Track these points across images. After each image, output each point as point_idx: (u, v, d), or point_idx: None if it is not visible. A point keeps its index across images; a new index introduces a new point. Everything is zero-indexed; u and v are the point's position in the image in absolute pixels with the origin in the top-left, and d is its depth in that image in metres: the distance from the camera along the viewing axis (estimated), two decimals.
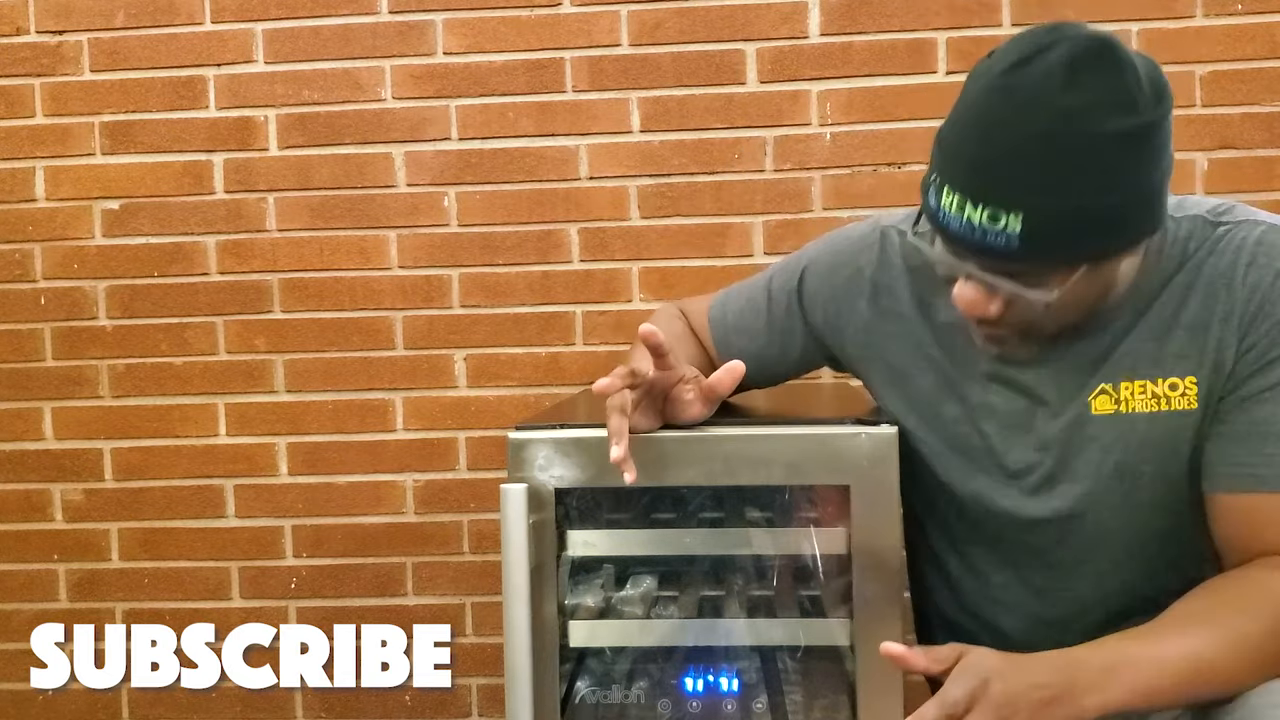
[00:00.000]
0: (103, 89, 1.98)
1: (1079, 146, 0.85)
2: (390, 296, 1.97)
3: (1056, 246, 0.89)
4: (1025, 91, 0.86)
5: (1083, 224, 0.88)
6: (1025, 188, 0.86)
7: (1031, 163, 0.86)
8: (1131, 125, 0.86)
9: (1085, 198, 0.87)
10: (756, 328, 1.25)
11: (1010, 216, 0.87)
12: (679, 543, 1.14)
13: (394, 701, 1.98)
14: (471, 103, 1.94)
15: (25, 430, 2.03)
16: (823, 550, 1.20)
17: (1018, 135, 0.86)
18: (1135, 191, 0.89)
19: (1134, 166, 0.87)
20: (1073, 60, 0.86)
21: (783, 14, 1.89)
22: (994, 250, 0.89)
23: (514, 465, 1.08)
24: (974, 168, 0.89)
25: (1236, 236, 0.98)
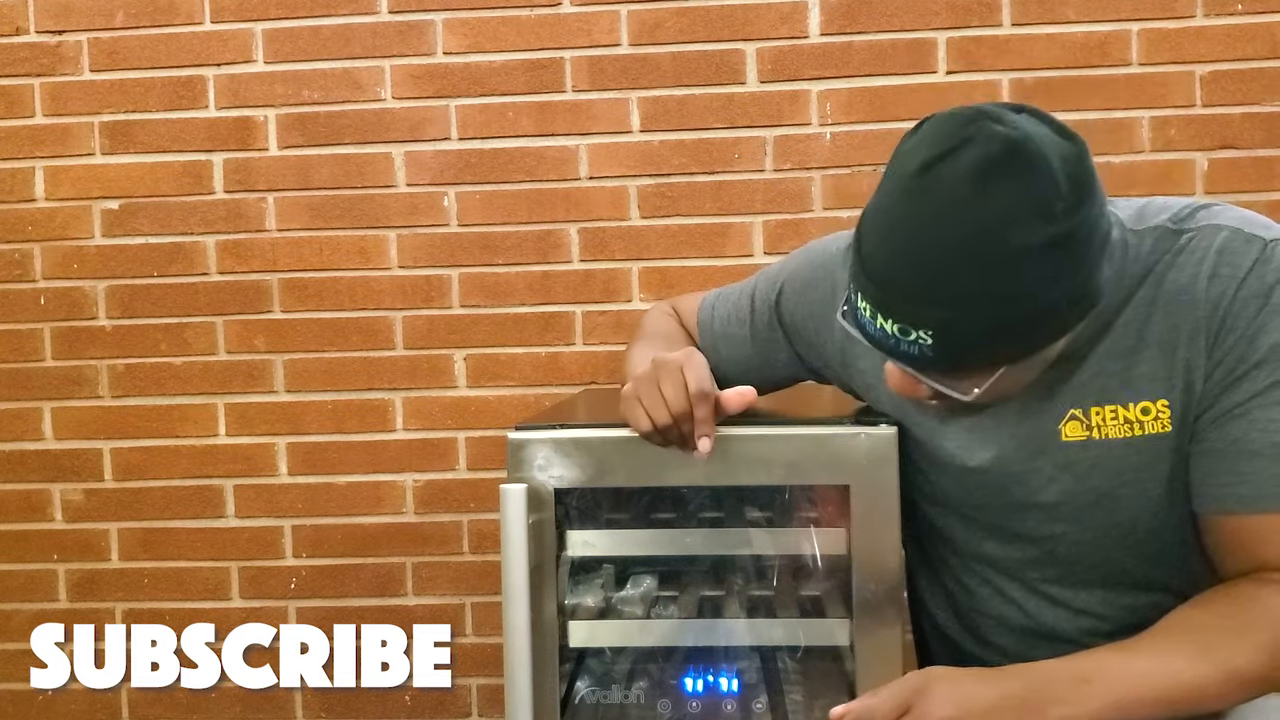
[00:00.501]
0: (102, 89, 1.98)
1: (989, 261, 0.81)
2: (390, 296, 1.97)
3: (971, 356, 0.86)
4: (935, 200, 0.82)
5: (998, 335, 0.84)
6: (935, 304, 0.83)
7: (940, 280, 0.82)
8: (1048, 235, 0.81)
9: (999, 309, 0.83)
10: (741, 336, 1.24)
11: (920, 332, 0.84)
12: (679, 543, 1.14)
13: (394, 701, 1.98)
14: (471, 102, 1.94)
15: (25, 430, 2.03)
16: (823, 550, 1.20)
17: (926, 250, 0.83)
18: (1058, 295, 0.84)
19: (1051, 273, 0.83)
20: (984, 165, 0.81)
21: (783, 14, 1.89)
22: (908, 358, 0.87)
23: (514, 465, 1.08)
24: (884, 283, 0.85)
25: (1199, 245, 0.94)
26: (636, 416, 1.05)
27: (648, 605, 1.22)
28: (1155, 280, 0.95)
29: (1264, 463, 0.92)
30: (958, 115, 0.86)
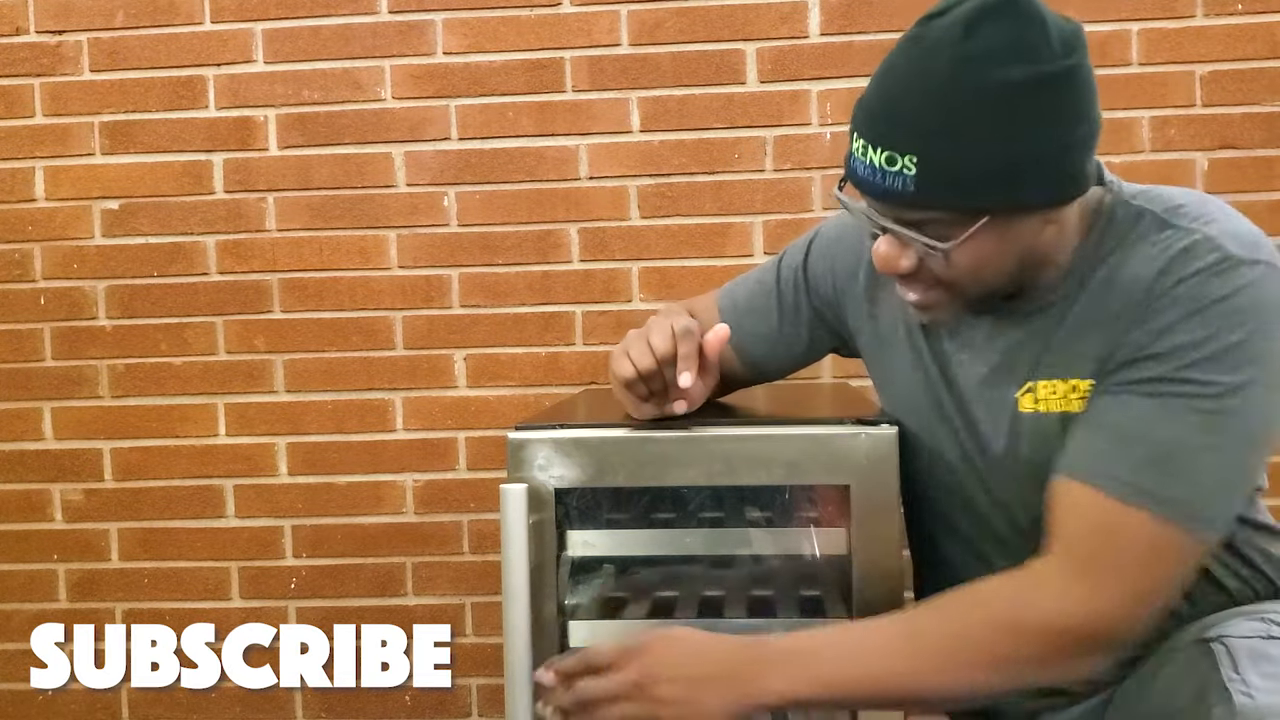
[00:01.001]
0: (102, 89, 1.98)
1: (974, 91, 0.85)
2: (390, 296, 1.97)
3: (950, 191, 0.88)
4: (929, 40, 0.87)
5: (977, 170, 0.87)
6: (920, 131, 0.87)
7: (927, 106, 0.87)
8: (1030, 74, 0.85)
9: (980, 145, 0.86)
10: (767, 306, 1.24)
11: (905, 159, 0.87)
12: (679, 543, 1.14)
13: (394, 701, 1.98)
14: (471, 103, 1.94)
15: (25, 430, 2.03)
16: (823, 550, 1.20)
17: (916, 80, 0.87)
18: (1036, 146, 0.87)
19: (1033, 118, 0.86)
20: (980, 8, 0.86)
21: (783, 14, 1.89)
22: (892, 194, 0.89)
23: (514, 465, 1.08)
24: (874, 112, 0.90)
25: (1173, 241, 0.92)
26: (622, 366, 1.08)
27: (648, 605, 1.22)
28: (1119, 262, 0.95)
29: (1097, 436, 0.91)
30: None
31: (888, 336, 1.15)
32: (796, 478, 1.08)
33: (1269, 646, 0.92)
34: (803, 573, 1.31)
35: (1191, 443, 0.87)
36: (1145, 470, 0.87)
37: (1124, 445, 0.89)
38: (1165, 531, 0.87)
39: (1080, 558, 0.89)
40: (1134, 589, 0.87)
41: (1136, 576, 0.87)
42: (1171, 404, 0.88)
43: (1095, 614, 0.87)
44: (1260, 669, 0.89)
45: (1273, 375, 0.88)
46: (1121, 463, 0.88)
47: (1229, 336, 0.87)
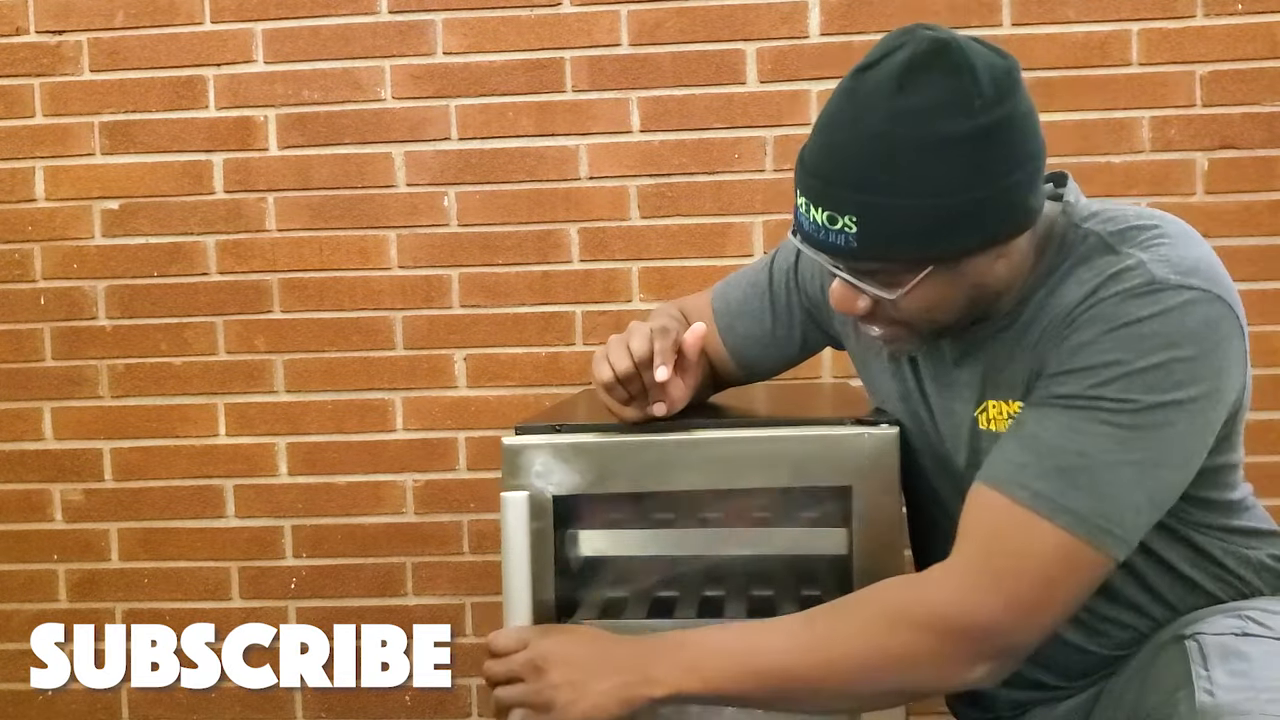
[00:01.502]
0: (102, 89, 1.98)
1: (909, 148, 0.85)
2: (390, 296, 1.97)
3: (893, 247, 0.88)
4: (862, 94, 0.87)
5: (917, 226, 0.87)
6: (857, 189, 0.87)
7: (862, 165, 0.87)
8: (964, 128, 0.85)
9: (920, 199, 0.86)
10: (761, 308, 1.24)
11: (845, 219, 0.88)
12: (679, 543, 1.14)
13: (394, 701, 1.98)
14: (471, 103, 1.94)
15: (25, 430, 2.03)
16: (823, 550, 1.20)
17: (851, 138, 0.87)
18: (977, 195, 0.87)
19: (971, 169, 0.86)
20: (910, 62, 0.86)
21: (783, 14, 1.89)
22: (837, 250, 0.90)
23: (509, 472, 1.07)
24: (812, 171, 0.90)
25: (1106, 267, 0.92)
26: (600, 370, 1.08)
27: (648, 605, 1.22)
28: (1057, 284, 0.95)
29: (1012, 446, 0.91)
30: (898, 30, 0.91)
31: (869, 345, 1.15)
32: (797, 478, 1.08)
33: (1241, 644, 0.92)
34: (803, 572, 1.31)
35: (1103, 457, 0.87)
36: (1053, 480, 0.87)
37: (1035, 455, 0.89)
38: (1067, 543, 0.86)
39: (979, 560, 0.89)
40: (1029, 596, 0.87)
41: (1032, 584, 0.87)
42: (1085, 417, 0.88)
43: (985, 615, 0.87)
44: (1229, 666, 0.89)
45: (1195, 399, 0.87)
46: (1031, 472, 0.88)
47: (1150, 358, 0.86)
